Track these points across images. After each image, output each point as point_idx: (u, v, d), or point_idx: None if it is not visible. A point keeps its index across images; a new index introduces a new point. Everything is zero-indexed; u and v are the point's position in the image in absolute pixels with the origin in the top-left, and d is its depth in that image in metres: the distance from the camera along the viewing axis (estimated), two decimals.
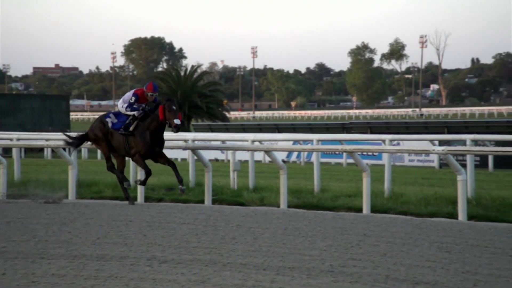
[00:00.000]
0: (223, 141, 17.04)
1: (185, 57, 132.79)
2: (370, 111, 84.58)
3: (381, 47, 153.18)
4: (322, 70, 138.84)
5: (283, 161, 15.80)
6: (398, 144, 18.81)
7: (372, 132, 30.41)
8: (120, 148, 11.28)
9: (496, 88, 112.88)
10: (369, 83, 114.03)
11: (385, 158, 13.91)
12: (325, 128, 34.33)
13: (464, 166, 11.85)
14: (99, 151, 22.57)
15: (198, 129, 38.30)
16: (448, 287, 5.63)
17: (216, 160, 24.84)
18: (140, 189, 12.52)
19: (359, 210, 11.28)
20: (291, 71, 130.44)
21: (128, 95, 11.24)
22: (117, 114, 11.29)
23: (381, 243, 7.52)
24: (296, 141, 19.58)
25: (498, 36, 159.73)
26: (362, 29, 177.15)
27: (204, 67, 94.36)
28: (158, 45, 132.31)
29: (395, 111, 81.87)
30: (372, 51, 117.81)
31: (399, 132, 29.10)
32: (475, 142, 17.23)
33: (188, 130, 40.99)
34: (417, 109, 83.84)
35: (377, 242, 7.58)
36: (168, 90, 44.81)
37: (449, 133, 31.20)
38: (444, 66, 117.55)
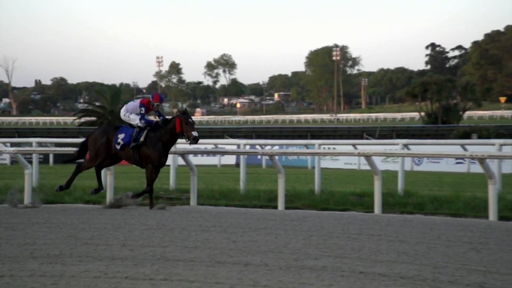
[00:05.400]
0: None
1: None
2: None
3: None
4: None
5: None
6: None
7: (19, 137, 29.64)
8: (130, 159, 9.09)
9: (55, 103, 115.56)
10: None
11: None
12: None
13: (31, 162, 11.68)
14: None
15: None
16: (10, 257, 5.37)
17: None
18: None
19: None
20: None
21: (134, 105, 9.13)
22: (124, 130, 9.06)
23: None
24: None
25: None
26: None
27: None
28: None
29: None
30: None
31: None
32: (40, 144, 17.00)
33: None
34: None
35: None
36: None
37: (19, 137, 30.36)
38: (14, 84, 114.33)
